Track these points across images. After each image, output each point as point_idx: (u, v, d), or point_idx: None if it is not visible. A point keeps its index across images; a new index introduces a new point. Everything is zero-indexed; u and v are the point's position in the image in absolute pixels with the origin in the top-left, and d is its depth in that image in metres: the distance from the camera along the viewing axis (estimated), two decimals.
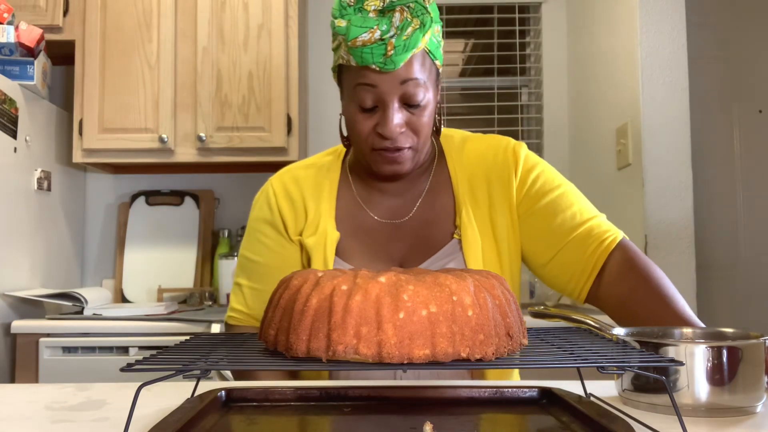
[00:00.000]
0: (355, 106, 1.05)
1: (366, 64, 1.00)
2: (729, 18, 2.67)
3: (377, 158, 1.07)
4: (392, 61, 1.00)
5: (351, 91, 1.05)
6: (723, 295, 2.58)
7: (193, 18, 2.47)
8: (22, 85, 2.26)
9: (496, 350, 0.63)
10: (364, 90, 1.02)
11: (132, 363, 0.59)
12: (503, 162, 1.17)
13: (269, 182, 1.23)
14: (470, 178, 1.17)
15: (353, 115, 1.06)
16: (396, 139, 1.04)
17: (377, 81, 1.01)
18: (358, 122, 1.06)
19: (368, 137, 1.06)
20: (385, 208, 1.17)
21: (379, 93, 1.02)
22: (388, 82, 1.01)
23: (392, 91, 1.02)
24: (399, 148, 1.05)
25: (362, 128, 1.06)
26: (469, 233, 1.11)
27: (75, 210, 2.71)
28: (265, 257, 1.18)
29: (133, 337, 2.09)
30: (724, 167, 2.65)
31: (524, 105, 2.98)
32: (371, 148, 1.07)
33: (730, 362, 0.73)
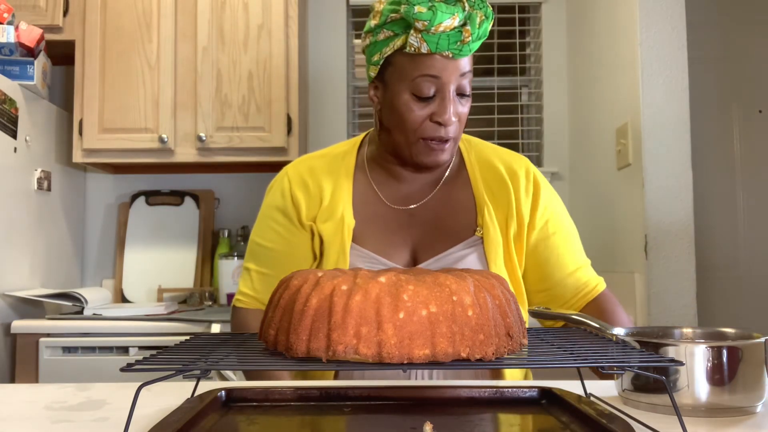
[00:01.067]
0: (411, 94, 1.08)
1: (441, 50, 1.04)
2: (729, 18, 2.67)
3: (424, 148, 1.10)
4: (468, 49, 1.05)
5: (409, 80, 1.08)
6: (723, 295, 2.58)
7: (193, 18, 2.47)
8: (22, 85, 2.26)
9: (496, 350, 0.63)
10: (426, 80, 1.06)
11: (132, 363, 0.59)
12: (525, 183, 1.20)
13: (284, 170, 1.26)
14: (489, 182, 1.20)
15: (407, 103, 1.09)
16: (448, 129, 1.08)
17: (442, 70, 1.05)
18: (413, 111, 1.08)
19: (421, 126, 1.09)
20: (399, 195, 1.20)
21: (440, 82, 1.06)
22: (452, 72, 1.06)
23: (453, 81, 1.07)
24: (448, 138, 1.09)
25: (417, 117, 1.08)
26: (491, 231, 1.15)
27: (75, 210, 2.71)
28: (274, 243, 1.20)
29: (133, 337, 2.09)
30: (724, 167, 2.65)
31: (524, 105, 2.98)
32: (420, 137, 1.09)
33: (730, 362, 0.73)
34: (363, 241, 1.15)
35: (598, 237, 2.46)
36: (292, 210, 1.20)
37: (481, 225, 1.16)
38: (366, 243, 1.15)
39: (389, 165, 1.20)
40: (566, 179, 2.86)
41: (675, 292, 2.06)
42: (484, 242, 1.14)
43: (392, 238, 1.16)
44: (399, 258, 1.15)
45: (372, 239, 1.15)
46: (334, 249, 1.14)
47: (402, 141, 1.13)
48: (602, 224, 2.45)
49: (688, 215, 2.08)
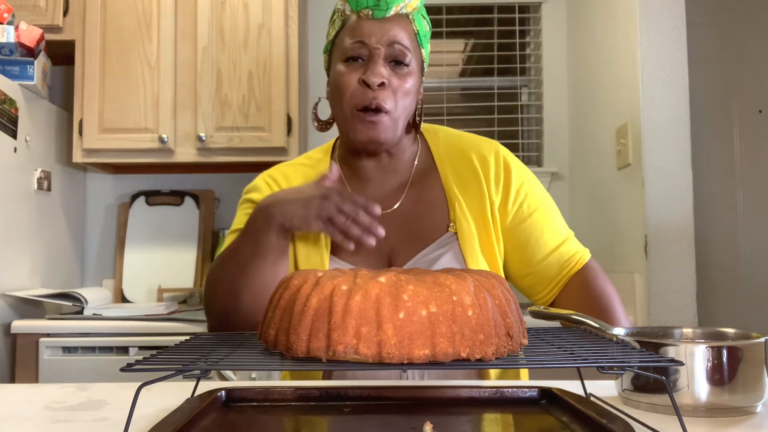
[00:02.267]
0: (342, 60, 1.10)
1: (360, 7, 1.08)
2: (729, 18, 2.67)
3: (356, 121, 1.09)
4: (385, 4, 1.08)
5: (341, 50, 1.11)
6: (723, 295, 2.58)
7: (193, 18, 2.47)
8: (22, 85, 2.26)
9: (496, 350, 0.63)
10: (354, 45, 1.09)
11: (132, 363, 0.59)
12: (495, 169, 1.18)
13: (259, 177, 1.27)
14: (460, 173, 1.17)
15: (339, 69, 1.11)
16: (376, 93, 1.07)
17: (369, 34, 1.08)
18: (343, 75, 1.10)
19: (353, 92, 1.09)
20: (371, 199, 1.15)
21: (368, 47, 1.08)
22: (379, 38, 1.08)
23: (381, 46, 1.08)
24: (379, 107, 1.07)
25: (347, 80, 1.09)
26: (465, 226, 1.12)
27: (75, 210, 2.71)
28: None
29: (133, 337, 2.09)
30: (724, 167, 2.65)
31: (524, 105, 2.98)
32: (354, 107, 1.09)
33: (730, 362, 0.73)
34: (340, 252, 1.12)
35: (598, 237, 2.46)
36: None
37: (453, 220, 1.13)
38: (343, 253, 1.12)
39: (354, 163, 1.18)
40: (566, 179, 2.86)
41: (675, 292, 2.06)
42: (459, 238, 1.12)
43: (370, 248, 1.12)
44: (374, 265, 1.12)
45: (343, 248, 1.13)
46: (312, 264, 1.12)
47: (340, 117, 1.13)
48: (602, 224, 2.45)
49: (688, 215, 2.08)
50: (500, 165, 1.18)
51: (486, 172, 1.17)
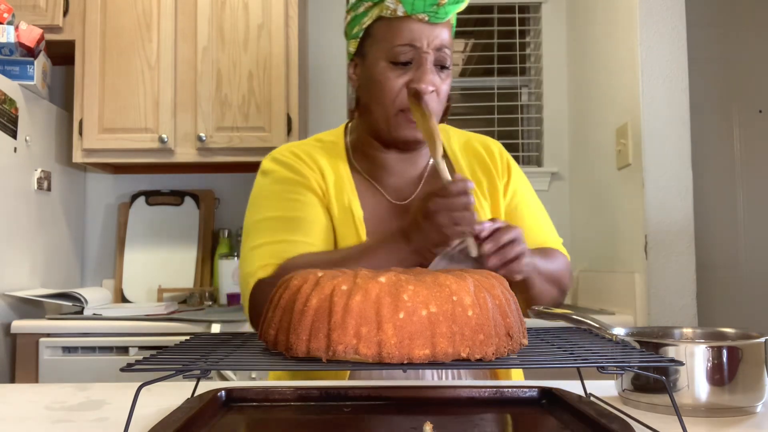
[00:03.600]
0: (388, 62, 1.07)
1: (416, 11, 1.03)
2: (729, 18, 2.67)
3: (400, 121, 1.08)
4: (444, 12, 1.04)
5: (386, 49, 1.06)
6: (723, 295, 2.58)
7: (193, 18, 2.47)
8: (22, 85, 2.26)
9: (496, 350, 0.63)
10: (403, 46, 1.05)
11: (132, 363, 0.59)
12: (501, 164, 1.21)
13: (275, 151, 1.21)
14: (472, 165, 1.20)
15: (384, 71, 1.07)
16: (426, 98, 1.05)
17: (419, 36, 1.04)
18: (389, 79, 1.06)
19: (397, 96, 1.06)
20: (392, 188, 1.17)
21: (417, 50, 1.05)
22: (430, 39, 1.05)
23: (431, 51, 1.05)
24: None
25: (393, 85, 1.06)
26: (481, 216, 1.13)
27: (75, 210, 2.71)
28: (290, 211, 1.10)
29: (133, 337, 2.09)
30: (724, 167, 2.65)
31: (524, 105, 2.98)
32: (399, 108, 1.07)
33: (730, 362, 0.73)
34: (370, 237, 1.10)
35: (598, 237, 2.46)
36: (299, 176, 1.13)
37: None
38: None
39: (372, 152, 1.17)
40: (566, 179, 2.86)
41: (675, 292, 2.06)
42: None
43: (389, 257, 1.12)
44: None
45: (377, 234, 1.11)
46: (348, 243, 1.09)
47: (380, 115, 1.10)
48: (602, 224, 2.45)
49: (688, 215, 2.08)
50: (504, 162, 1.22)
51: (493, 163, 1.20)
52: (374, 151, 1.17)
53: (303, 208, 1.11)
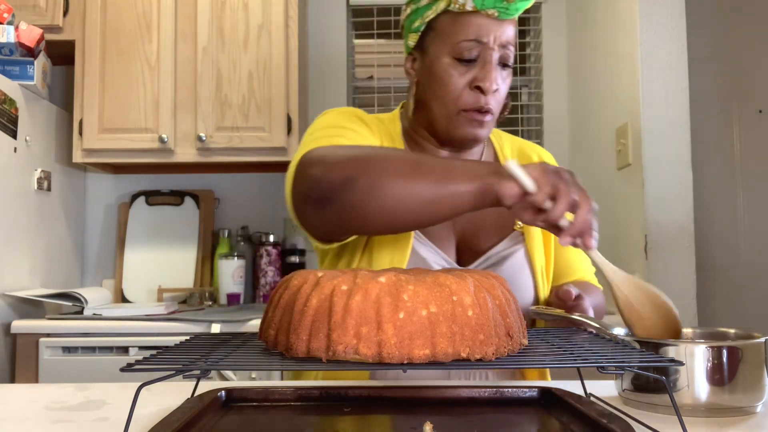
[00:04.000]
0: (452, 58, 1.03)
1: (486, 7, 1.00)
2: (729, 18, 2.67)
3: (462, 120, 1.05)
4: (514, 8, 1.01)
5: (451, 43, 1.03)
6: (723, 295, 2.58)
7: (193, 18, 2.47)
8: (22, 85, 2.26)
9: (496, 350, 0.63)
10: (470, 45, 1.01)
11: (132, 363, 0.59)
12: None
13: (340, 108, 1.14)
14: None
15: (447, 68, 1.04)
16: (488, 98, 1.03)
17: (487, 32, 1.01)
18: (452, 76, 1.03)
19: (460, 94, 1.04)
20: None
21: (483, 46, 1.02)
22: (497, 36, 1.02)
23: (497, 49, 1.02)
24: (488, 110, 1.04)
25: (457, 83, 1.03)
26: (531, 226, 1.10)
27: (75, 210, 2.71)
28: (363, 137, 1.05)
29: (133, 337, 2.09)
30: (724, 167, 2.65)
31: (524, 105, 2.98)
32: (461, 108, 1.04)
33: (730, 362, 0.73)
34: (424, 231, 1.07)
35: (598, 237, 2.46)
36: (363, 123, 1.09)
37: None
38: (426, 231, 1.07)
39: (425, 144, 1.13)
40: None
41: (675, 292, 2.06)
42: (525, 237, 1.11)
43: (440, 232, 1.09)
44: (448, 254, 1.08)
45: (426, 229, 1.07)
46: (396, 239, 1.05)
47: (440, 113, 1.07)
48: (602, 224, 2.44)
49: (688, 215, 2.09)
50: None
51: None
52: (427, 143, 1.14)
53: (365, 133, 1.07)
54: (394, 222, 0.88)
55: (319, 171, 0.90)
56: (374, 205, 0.86)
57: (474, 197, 0.84)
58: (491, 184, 0.82)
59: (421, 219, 0.88)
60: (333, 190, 0.88)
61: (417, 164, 0.88)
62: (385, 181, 0.85)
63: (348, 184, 0.87)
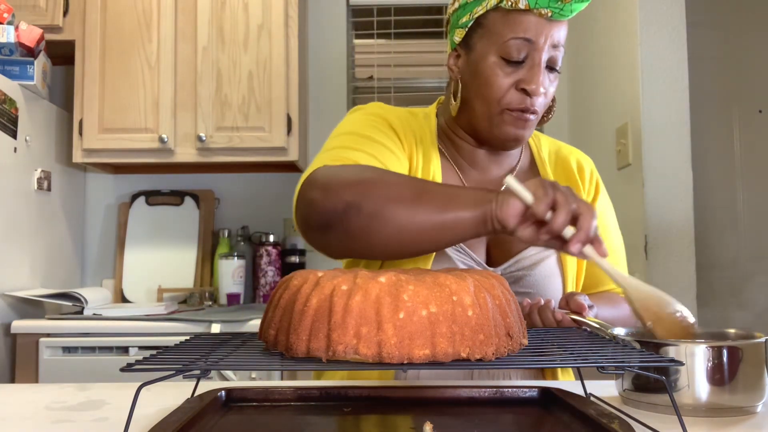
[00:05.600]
0: (499, 57, 1.00)
1: (540, 6, 0.97)
2: (729, 18, 2.67)
3: (505, 119, 1.02)
4: (569, 9, 0.97)
5: (499, 41, 1.00)
6: (723, 295, 2.58)
7: (193, 18, 2.47)
8: (22, 85, 2.26)
9: (496, 350, 0.63)
10: (518, 43, 0.99)
11: (132, 363, 0.59)
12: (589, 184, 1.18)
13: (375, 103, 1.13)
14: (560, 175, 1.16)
15: (494, 67, 1.01)
16: (534, 100, 1.01)
17: (537, 32, 0.98)
18: (499, 75, 1.00)
19: (505, 94, 1.01)
20: (474, 182, 1.12)
21: (533, 46, 0.99)
22: (547, 36, 0.99)
23: (547, 50, 1.00)
24: (534, 111, 1.02)
25: (503, 83, 1.00)
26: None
27: (75, 210, 2.71)
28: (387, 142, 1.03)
29: (133, 337, 2.09)
30: (724, 167, 2.65)
31: None
32: (504, 108, 1.02)
33: (731, 362, 0.72)
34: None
35: None
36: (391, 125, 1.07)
37: None
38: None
39: (462, 143, 1.11)
40: None
41: (675, 293, 2.05)
42: None
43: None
44: (478, 254, 1.07)
45: None
46: None
47: (482, 112, 1.04)
48: None
49: (688, 215, 2.08)
50: (593, 183, 1.18)
51: (582, 181, 1.17)
52: (464, 143, 1.12)
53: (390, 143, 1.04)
54: (399, 249, 0.88)
55: (320, 196, 0.89)
56: (377, 232, 0.86)
57: (476, 224, 0.84)
58: (492, 209, 0.82)
59: (424, 246, 0.88)
60: (334, 216, 0.87)
61: (419, 191, 0.87)
62: (386, 209, 0.85)
63: (349, 211, 0.86)
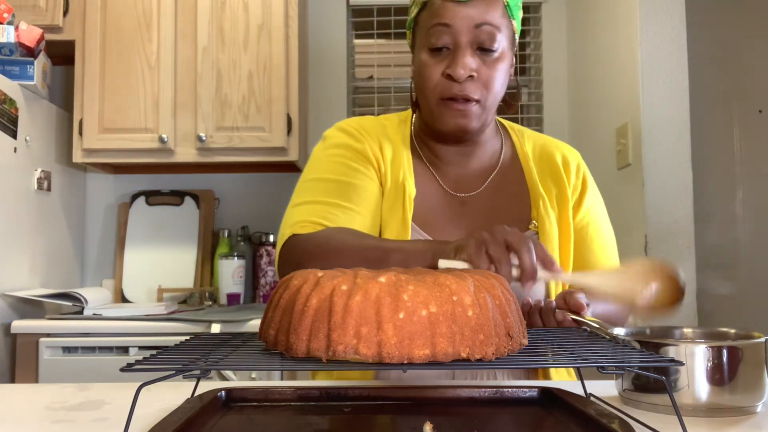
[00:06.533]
0: (426, 49, 1.03)
1: None
2: (729, 18, 2.67)
3: (444, 110, 1.04)
4: None
5: (425, 34, 1.03)
6: (723, 295, 2.58)
7: (193, 18, 2.47)
8: (22, 85, 2.26)
9: (496, 350, 0.63)
10: (437, 30, 1.01)
11: (132, 363, 0.59)
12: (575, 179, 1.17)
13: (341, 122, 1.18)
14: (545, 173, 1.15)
15: (423, 59, 1.04)
16: (463, 86, 1.01)
17: (453, 18, 1.00)
18: (427, 66, 1.03)
19: (437, 84, 1.03)
20: (450, 179, 1.13)
21: (453, 33, 1.01)
22: (464, 21, 1.00)
23: (466, 31, 1.01)
24: (467, 98, 1.02)
25: (431, 72, 1.03)
26: (547, 225, 1.09)
27: (75, 210, 2.71)
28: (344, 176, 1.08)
29: (133, 337, 2.09)
30: (724, 167, 2.65)
31: (524, 105, 2.98)
32: (439, 97, 1.03)
33: (731, 362, 0.73)
34: (419, 221, 1.07)
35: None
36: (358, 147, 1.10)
37: (536, 218, 1.10)
38: (421, 224, 1.07)
39: (431, 143, 1.13)
40: None
41: None
42: (540, 237, 1.09)
43: (446, 226, 1.09)
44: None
45: (427, 222, 1.08)
46: (396, 219, 1.06)
47: (425, 106, 1.07)
48: None
49: (688, 215, 2.09)
50: (580, 177, 1.17)
51: (567, 175, 1.15)
52: (432, 142, 1.14)
53: (354, 174, 1.08)
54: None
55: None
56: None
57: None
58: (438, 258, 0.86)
59: None
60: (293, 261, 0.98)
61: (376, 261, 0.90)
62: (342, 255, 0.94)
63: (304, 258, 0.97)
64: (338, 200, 1.04)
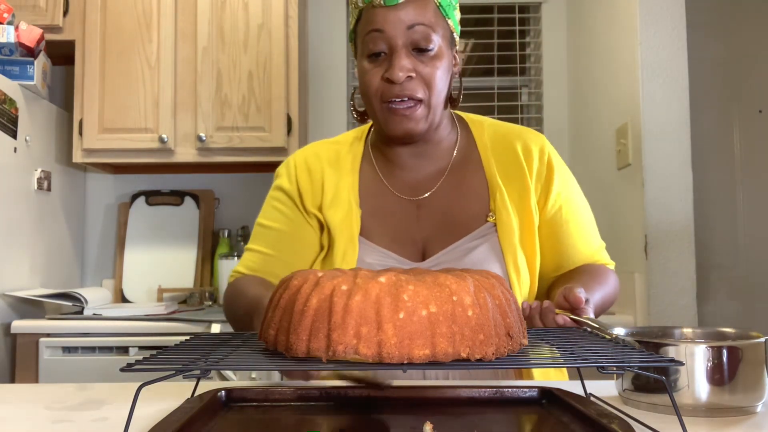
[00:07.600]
0: (365, 56, 1.06)
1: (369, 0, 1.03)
2: (729, 18, 2.67)
3: (389, 116, 1.06)
4: None
5: (362, 42, 1.06)
6: (723, 295, 2.58)
7: (193, 18, 2.47)
8: (22, 85, 2.26)
9: (496, 350, 0.63)
10: (372, 37, 1.03)
11: (132, 363, 0.59)
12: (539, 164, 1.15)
13: (292, 156, 1.23)
14: (503, 163, 1.14)
15: (363, 66, 1.06)
16: (404, 86, 1.03)
17: (384, 23, 1.02)
18: (367, 72, 1.05)
19: (378, 89, 1.05)
20: (405, 184, 1.14)
21: (386, 37, 1.03)
22: (395, 24, 1.02)
23: (399, 34, 1.03)
24: (410, 97, 1.04)
25: (371, 78, 1.05)
26: (504, 217, 1.09)
27: (75, 210, 2.71)
28: (278, 223, 1.16)
29: (133, 337, 2.09)
30: (724, 167, 2.65)
31: (524, 105, 2.98)
32: (381, 101, 1.05)
33: (731, 362, 0.73)
34: (371, 235, 1.10)
35: None
36: (296, 194, 1.16)
37: (493, 211, 1.10)
38: (374, 237, 1.10)
39: (387, 150, 1.15)
40: None
41: (675, 292, 2.06)
42: (498, 229, 1.09)
43: (401, 233, 1.10)
44: (408, 253, 1.09)
45: (380, 233, 1.10)
46: (343, 239, 1.09)
47: (371, 113, 1.09)
48: (602, 224, 2.44)
49: (688, 215, 2.09)
50: (544, 162, 1.15)
51: (529, 164, 1.14)
52: (385, 147, 1.16)
53: (288, 222, 1.16)
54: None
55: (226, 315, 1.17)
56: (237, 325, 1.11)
57: None
58: None
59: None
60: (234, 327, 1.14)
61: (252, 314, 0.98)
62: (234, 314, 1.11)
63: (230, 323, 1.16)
64: (262, 247, 1.17)
